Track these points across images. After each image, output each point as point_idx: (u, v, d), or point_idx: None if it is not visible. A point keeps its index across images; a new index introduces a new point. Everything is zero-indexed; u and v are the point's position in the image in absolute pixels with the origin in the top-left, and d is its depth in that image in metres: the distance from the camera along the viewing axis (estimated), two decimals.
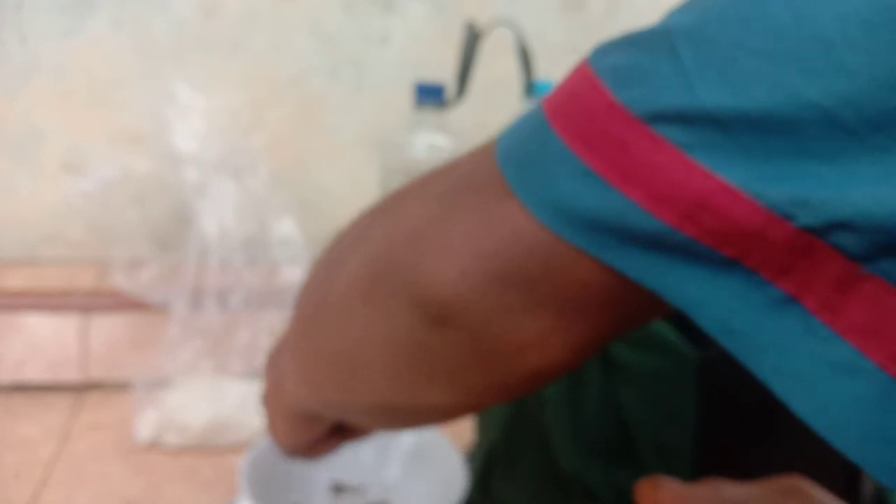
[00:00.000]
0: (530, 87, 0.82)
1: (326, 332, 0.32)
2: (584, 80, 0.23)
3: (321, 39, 0.90)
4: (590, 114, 0.22)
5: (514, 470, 0.54)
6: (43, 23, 0.85)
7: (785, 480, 0.37)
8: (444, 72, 0.85)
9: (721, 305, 0.21)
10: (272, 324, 0.79)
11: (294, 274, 0.79)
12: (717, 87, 0.19)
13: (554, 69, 0.88)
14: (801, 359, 0.20)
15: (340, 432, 0.43)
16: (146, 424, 0.74)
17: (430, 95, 0.81)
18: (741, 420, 0.47)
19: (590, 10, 0.92)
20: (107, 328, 0.82)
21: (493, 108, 0.90)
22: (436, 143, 0.83)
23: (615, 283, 0.23)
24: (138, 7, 0.86)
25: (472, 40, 0.77)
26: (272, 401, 0.42)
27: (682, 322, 0.47)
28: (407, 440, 0.60)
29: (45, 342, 0.81)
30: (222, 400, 0.75)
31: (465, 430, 0.65)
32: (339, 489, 0.60)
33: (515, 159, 0.24)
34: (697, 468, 0.47)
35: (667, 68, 0.20)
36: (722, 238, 0.20)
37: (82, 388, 0.82)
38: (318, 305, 0.33)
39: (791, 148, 0.19)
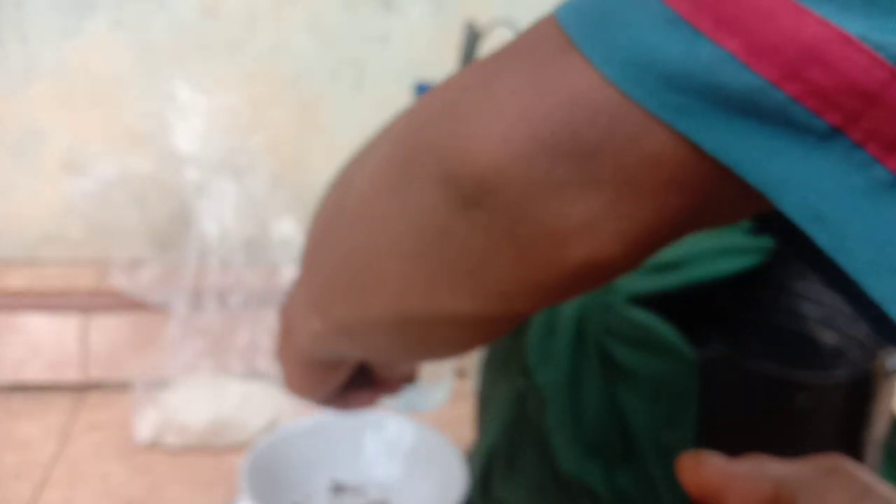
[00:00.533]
0: None
1: (340, 236, 0.29)
2: None
3: (321, 39, 0.90)
4: None
5: (514, 470, 0.54)
6: (43, 23, 0.85)
7: (827, 459, 0.37)
8: (444, 72, 0.85)
9: (813, 187, 0.18)
10: (272, 324, 0.79)
11: (294, 274, 0.79)
12: None
13: None
14: None
15: (369, 384, 0.41)
16: (146, 424, 0.74)
17: None
18: (741, 420, 0.47)
19: None
20: (107, 328, 0.82)
21: None
22: None
23: (688, 160, 0.20)
24: (138, 7, 0.86)
25: (472, 40, 0.77)
26: (285, 352, 0.39)
27: (682, 322, 0.47)
28: (407, 440, 0.60)
29: (45, 342, 0.81)
30: (222, 400, 0.75)
31: (465, 430, 0.65)
32: (339, 489, 0.60)
33: (581, 10, 0.21)
34: None
35: None
36: (829, 100, 0.17)
37: (82, 388, 0.82)
38: (331, 216, 0.30)
39: None
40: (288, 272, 0.80)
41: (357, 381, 0.41)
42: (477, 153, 0.21)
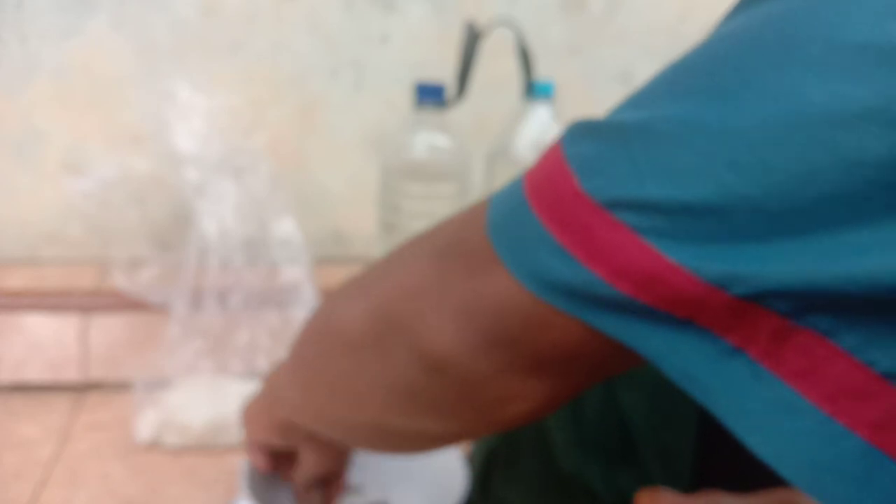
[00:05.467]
0: (530, 87, 0.82)
1: (330, 361, 0.36)
2: (556, 164, 0.26)
3: (321, 39, 0.90)
4: (560, 198, 0.25)
5: (514, 470, 0.54)
6: (43, 23, 0.85)
7: (781, 493, 0.38)
8: (444, 72, 0.85)
9: (681, 356, 0.24)
10: (272, 324, 0.79)
11: (294, 274, 0.79)
12: (661, 180, 0.23)
13: (554, 69, 0.88)
14: (750, 400, 0.23)
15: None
16: (146, 424, 0.74)
17: (430, 95, 0.81)
18: None
19: (590, 10, 0.92)
20: (107, 328, 0.82)
21: (493, 108, 0.90)
22: (436, 143, 0.83)
23: (585, 340, 0.27)
24: (138, 7, 0.86)
25: (472, 40, 0.77)
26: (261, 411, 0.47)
27: None
28: None
29: (45, 342, 0.81)
30: (222, 400, 0.75)
31: None
32: None
33: (502, 231, 0.28)
34: (697, 469, 0.47)
35: (622, 162, 0.24)
36: (674, 304, 0.23)
37: (82, 388, 0.82)
38: (322, 342, 0.37)
39: (725, 231, 0.22)
40: (288, 272, 0.80)
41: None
42: (438, 342, 0.30)
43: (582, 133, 0.26)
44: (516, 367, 0.29)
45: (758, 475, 0.38)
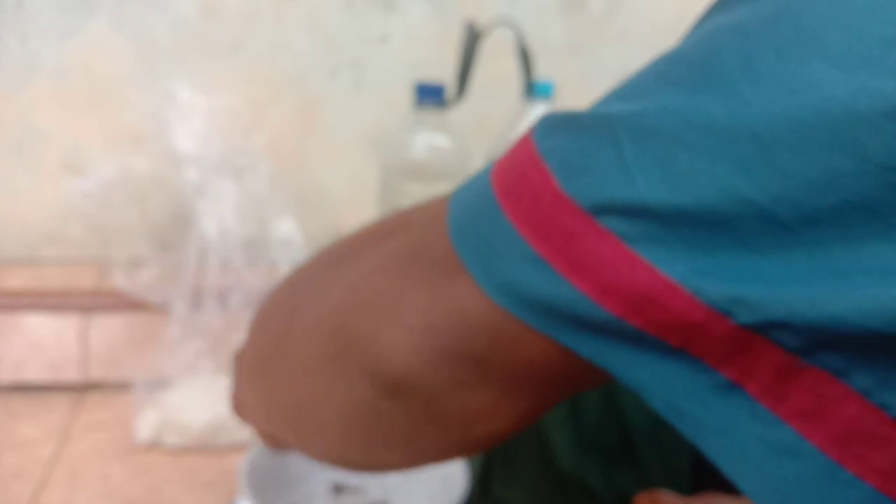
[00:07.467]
0: (530, 87, 0.82)
1: (286, 382, 0.32)
2: (530, 162, 0.23)
3: (321, 39, 0.90)
4: (537, 201, 0.22)
5: (514, 470, 0.54)
6: (43, 23, 0.85)
7: None
8: (444, 72, 0.85)
9: (670, 388, 0.21)
10: None
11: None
12: (657, 181, 0.20)
13: (554, 69, 0.88)
14: (746, 440, 0.20)
15: None
16: (146, 424, 0.74)
17: (430, 95, 0.81)
18: None
19: (590, 10, 0.92)
20: (107, 328, 0.82)
21: (493, 108, 0.90)
22: (436, 143, 0.83)
23: (561, 360, 0.24)
24: (138, 7, 0.86)
25: (472, 40, 0.77)
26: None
27: None
28: None
29: (45, 342, 0.81)
30: (222, 400, 0.75)
31: None
32: (339, 489, 0.60)
33: (468, 236, 0.25)
34: (697, 470, 0.47)
35: (609, 159, 0.21)
36: (667, 329, 0.20)
37: (82, 388, 0.82)
38: (277, 346, 0.33)
39: (729, 241, 0.19)
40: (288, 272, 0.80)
41: None
42: (394, 360, 0.26)
43: (559, 125, 0.23)
44: (484, 387, 0.26)
45: None
